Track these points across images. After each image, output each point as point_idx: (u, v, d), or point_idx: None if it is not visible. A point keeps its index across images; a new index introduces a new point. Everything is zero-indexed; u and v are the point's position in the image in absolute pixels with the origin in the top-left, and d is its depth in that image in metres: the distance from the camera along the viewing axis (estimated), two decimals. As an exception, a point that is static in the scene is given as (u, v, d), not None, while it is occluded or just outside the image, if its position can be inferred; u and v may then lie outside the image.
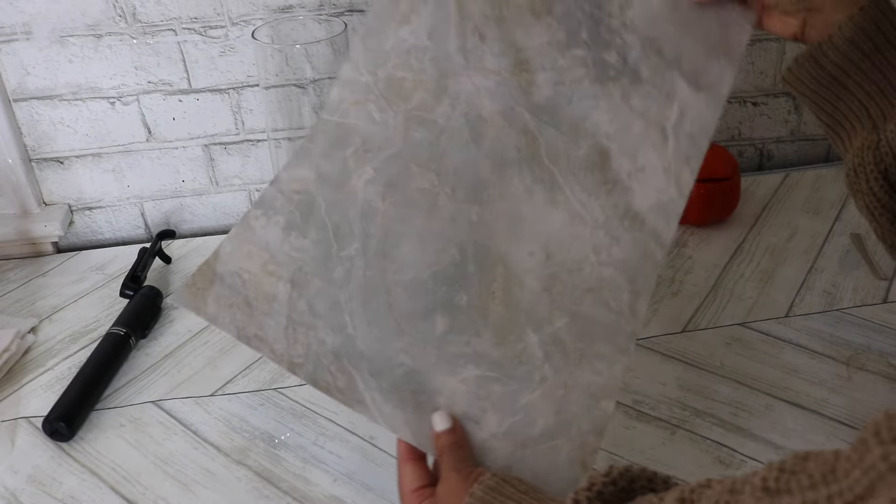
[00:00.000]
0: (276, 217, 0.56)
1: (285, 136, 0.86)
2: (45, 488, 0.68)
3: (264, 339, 0.54)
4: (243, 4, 0.96)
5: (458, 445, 0.52)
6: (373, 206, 0.56)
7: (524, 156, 0.58)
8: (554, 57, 0.59)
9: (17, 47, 0.95)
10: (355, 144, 0.57)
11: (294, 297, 0.54)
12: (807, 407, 0.72)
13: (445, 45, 0.58)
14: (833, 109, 0.57)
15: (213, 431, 0.74)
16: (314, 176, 0.56)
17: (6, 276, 0.98)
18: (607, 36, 0.59)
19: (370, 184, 0.57)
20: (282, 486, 0.68)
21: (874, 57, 0.54)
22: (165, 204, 1.07)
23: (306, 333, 0.54)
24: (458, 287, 0.55)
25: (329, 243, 0.55)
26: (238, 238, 0.55)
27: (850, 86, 0.55)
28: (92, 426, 0.75)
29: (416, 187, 0.57)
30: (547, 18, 0.59)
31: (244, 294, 0.54)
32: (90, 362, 0.79)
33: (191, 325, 0.87)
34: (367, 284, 0.55)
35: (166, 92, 1.00)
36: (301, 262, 0.55)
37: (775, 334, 0.81)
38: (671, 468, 0.67)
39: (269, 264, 0.55)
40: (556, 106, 0.58)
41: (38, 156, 1.02)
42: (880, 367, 0.76)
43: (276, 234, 0.55)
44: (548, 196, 0.57)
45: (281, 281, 0.55)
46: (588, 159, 0.58)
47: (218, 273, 0.55)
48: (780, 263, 0.92)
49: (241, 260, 0.55)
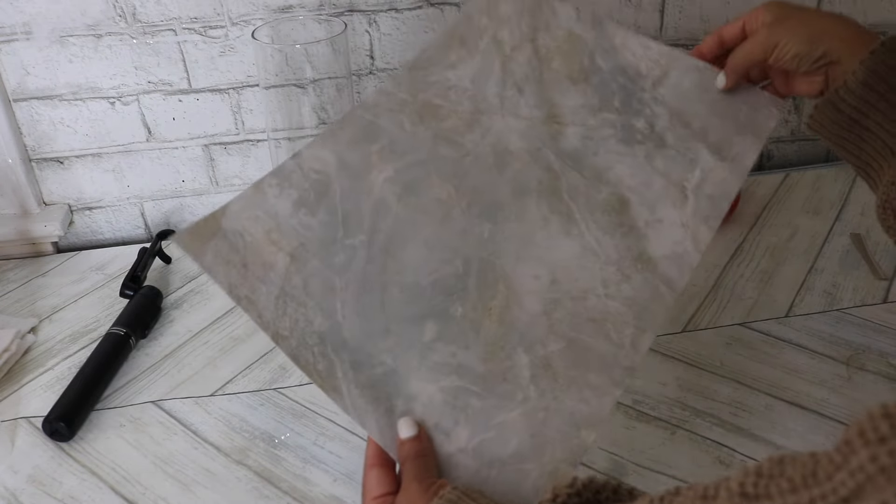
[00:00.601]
0: (290, 190, 0.56)
1: (285, 136, 0.86)
2: (45, 488, 0.68)
3: (254, 303, 0.53)
4: (243, 4, 0.96)
5: (422, 455, 0.50)
6: (387, 204, 0.57)
7: (544, 188, 0.60)
8: (585, 116, 0.63)
9: (17, 47, 0.95)
10: (382, 143, 0.59)
11: (291, 270, 0.54)
12: (807, 407, 0.72)
13: (485, 89, 0.63)
14: (859, 151, 0.58)
15: (213, 431, 0.74)
16: (335, 160, 0.57)
17: (6, 276, 0.98)
18: (637, 106, 0.64)
19: (388, 182, 0.58)
20: (282, 486, 0.68)
21: (890, 96, 0.55)
22: (165, 204, 1.07)
23: (296, 309, 0.54)
24: (456, 298, 0.55)
25: (336, 228, 0.56)
26: (249, 200, 0.56)
27: (871, 126, 0.56)
28: (92, 426, 0.75)
29: (432, 196, 0.58)
30: (583, 85, 0.64)
31: (243, 255, 0.54)
32: (90, 362, 0.79)
33: (191, 325, 0.87)
34: (364, 277, 0.55)
35: (166, 92, 1.00)
36: (305, 238, 0.55)
37: (775, 334, 0.81)
38: (671, 468, 0.67)
39: (273, 233, 0.55)
40: (582, 155, 0.61)
41: (38, 156, 1.02)
42: (880, 367, 0.76)
43: (287, 207, 0.56)
44: (563, 227, 0.58)
45: (281, 252, 0.55)
46: (607, 203, 0.60)
47: (222, 227, 0.54)
48: (780, 263, 0.92)
49: (247, 221, 0.55)
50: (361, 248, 0.56)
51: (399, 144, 0.59)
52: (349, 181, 0.57)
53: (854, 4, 1.06)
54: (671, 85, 0.65)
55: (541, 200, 0.59)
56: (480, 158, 0.60)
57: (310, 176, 0.57)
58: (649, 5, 1.03)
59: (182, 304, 0.91)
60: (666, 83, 0.65)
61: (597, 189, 0.60)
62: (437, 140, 0.60)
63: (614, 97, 0.64)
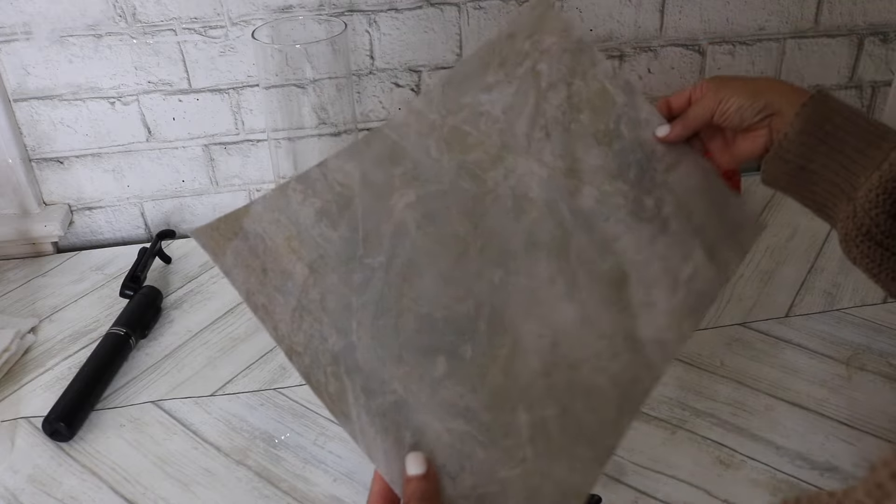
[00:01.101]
0: (314, 199, 0.55)
1: (285, 136, 0.86)
2: (45, 488, 0.68)
3: (271, 313, 0.52)
4: (243, 4, 0.96)
5: (430, 496, 0.49)
6: (406, 230, 0.56)
7: (555, 245, 0.59)
8: (602, 180, 0.63)
9: (17, 47, 0.95)
10: (406, 167, 0.58)
11: (309, 283, 0.53)
12: (807, 407, 0.72)
13: (515, 125, 0.62)
14: (812, 194, 0.61)
15: (213, 431, 0.74)
16: (360, 176, 0.56)
17: (6, 276, 0.98)
18: (649, 185, 0.64)
19: (409, 208, 0.56)
20: (282, 486, 0.68)
21: (829, 141, 0.59)
22: (165, 204, 1.07)
23: (311, 324, 0.52)
24: (467, 339, 0.54)
25: (356, 245, 0.55)
26: (272, 203, 0.54)
27: (817, 170, 0.60)
28: (92, 426, 0.75)
29: (451, 231, 0.57)
30: (605, 148, 0.64)
31: (262, 260, 0.53)
32: (90, 362, 0.79)
33: (191, 325, 0.87)
34: (381, 299, 0.54)
35: (166, 92, 1.00)
36: (325, 251, 0.54)
37: (775, 334, 0.81)
38: (671, 468, 0.67)
39: (294, 240, 0.54)
40: (594, 217, 0.61)
41: (38, 156, 1.02)
42: (880, 367, 0.76)
43: (309, 215, 0.55)
44: (567, 291, 0.58)
45: (301, 262, 0.53)
46: (609, 275, 0.60)
47: (244, 228, 0.53)
48: (780, 263, 0.92)
49: (269, 225, 0.53)
50: (380, 270, 0.54)
51: (423, 171, 0.58)
52: (371, 200, 0.56)
53: (854, 4, 1.06)
54: (680, 175, 0.65)
55: (550, 258, 0.58)
56: (500, 200, 0.59)
57: (334, 187, 0.55)
58: (649, 5, 1.03)
59: (182, 304, 0.91)
60: (676, 172, 0.65)
61: (602, 258, 0.60)
62: (460, 172, 0.59)
63: (630, 169, 0.64)
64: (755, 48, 1.08)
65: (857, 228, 0.57)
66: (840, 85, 1.13)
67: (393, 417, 0.51)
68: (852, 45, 1.09)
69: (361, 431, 0.51)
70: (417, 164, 0.58)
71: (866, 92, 1.14)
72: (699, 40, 1.07)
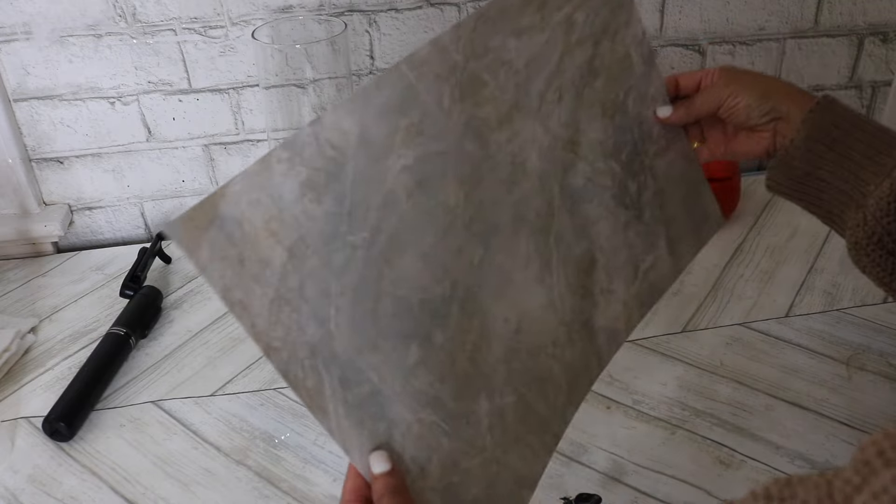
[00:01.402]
0: (300, 168, 0.50)
1: (285, 136, 0.86)
2: (45, 488, 0.68)
3: (248, 308, 0.49)
4: (243, 4, 0.96)
5: (398, 491, 0.50)
6: (396, 200, 0.53)
7: (538, 224, 0.58)
8: (597, 156, 0.62)
9: (17, 47, 0.95)
10: (413, 118, 0.53)
11: (288, 268, 0.50)
12: (807, 407, 0.72)
13: (532, 82, 0.59)
14: (819, 201, 0.61)
15: (213, 431, 0.74)
16: (357, 133, 0.52)
17: (6, 276, 0.98)
18: (637, 167, 0.63)
19: (404, 172, 0.53)
20: (282, 486, 0.68)
21: (836, 147, 0.58)
22: (165, 204, 1.07)
23: (290, 315, 0.50)
24: (439, 324, 0.54)
25: (340, 220, 0.51)
26: (252, 178, 0.49)
27: (825, 177, 0.59)
28: (92, 426, 0.75)
29: (441, 200, 0.54)
30: (608, 121, 0.62)
31: (240, 248, 0.49)
32: (90, 362, 0.79)
33: (191, 325, 0.87)
34: (360, 283, 0.52)
35: (166, 92, 1.00)
36: (306, 231, 0.50)
37: (775, 334, 0.81)
38: (671, 468, 0.67)
39: (273, 221, 0.50)
40: (581, 198, 0.61)
41: (38, 156, 1.02)
42: (880, 367, 0.76)
43: (293, 190, 0.50)
44: (539, 273, 0.58)
45: (279, 245, 0.50)
46: (581, 260, 0.60)
47: (220, 213, 0.48)
48: (780, 263, 0.92)
49: (247, 207, 0.49)
50: (362, 249, 0.52)
51: (429, 125, 0.54)
52: (365, 163, 0.52)
53: (854, 4, 1.06)
54: (667, 161, 0.65)
55: (532, 236, 0.58)
56: (497, 168, 0.57)
57: (325, 151, 0.51)
58: (649, 5, 1.03)
59: (182, 304, 0.91)
60: (664, 157, 0.65)
61: (577, 243, 0.60)
62: (466, 130, 0.56)
63: (624, 149, 0.63)
64: (755, 48, 1.08)
65: (867, 237, 0.57)
66: (840, 85, 1.13)
67: (368, 409, 0.51)
68: (852, 45, 1.09)
69: (338, 426, 0.50)
70: (425, 114, 0.54)
71: (866, 92, 1.14)
72: (699, 40, 1.07)
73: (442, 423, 0.52)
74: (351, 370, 0.51)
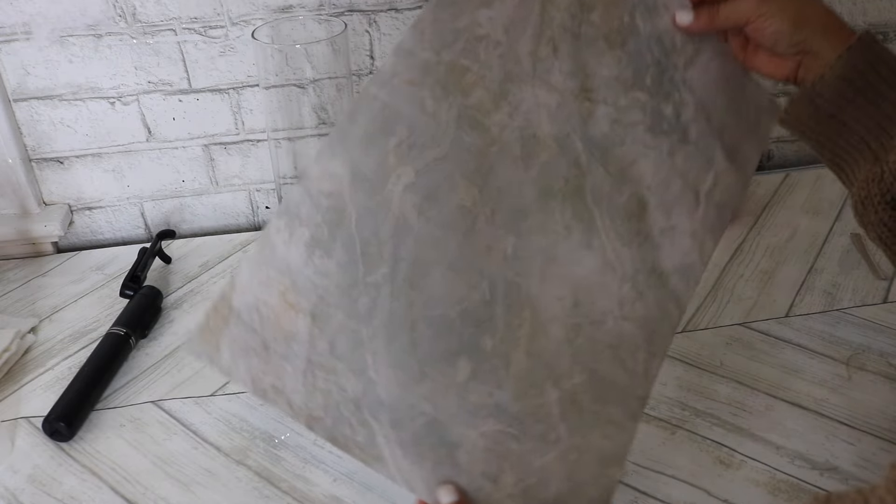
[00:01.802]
0: (301, 230, 0.48)
1: (285, 136, 0.86)
2: (45, 488, 0.68)
3: (281, 391, 0.47)
4: (243, 4, 0.96)
5: None
6: (407, 223, 0.50)
7: (570, 189, 0.54)
8: (617, 94, 0.56)
9: (17, 47, 0.95)
10: (400, 135, 0.50)
11: (315, 333, 0.48)
12: (807, 407, 0.72)
13: (518, 45, 0.53)
14: (833, 146, 0.57)
15: (213, 431, 0.74)
16: (349, 173, 0.49)
17: (6, 276, 0.98)
18: (668, 87, 0.58)
19: (408, 191, 0.50)
20: (282, 486, 0.68)
21: (868, 93, 0.54)
22: (165, 204, 1.07)
23: (326, 379, 0.48)
24: (485, 329, 0.51)
25: (356, 266, 0.49)
26: (257, 260, 0.48)
27: (848, 122, 0.55)
28: (92, 426, 0.75)
29: (456, 203, 0.51)
30: (618, 51, 0.56)
31: (261, 335, 0.47)
32: (90, 362, 0.79)
33: (191, 325, 0.87)
34: (391, 319, 0.49)
35: (166, 92, 1.00)
36: (324, 289, 0.49)
37: (775, 334, 0.81)
38: (671, 468, 0.67)
39: (289, 293, 0.48)
40: (610, 144, 0.56)
41: (38, 156, 1.02)
42: (880, 367, 0.76)
43: (300, 254, 0.48)
44: (584, 238, 0.54)
45: (301, 314, 0.48)
46: (627, 207, 0.55)
47: (234, 307, 0.47)
48: (780, 263, 0.92)
49: (259, 289, 0.48)
50: (385, 285, 0.49)
51: (419, 134, 0.51)
52: (365, 198, 0.49)
53: (854, 4, 1.06)
54: (701, 68, 0.58)
55: (565, 205, 0.54)
56: (506, 149, 0.53)
57: (321, 203, 0.49)
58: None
59: (182, 304, 0.91)
60: (696, 64, 0.58)
61: (619, 191, 0.55)
62: (460, 123, 0.52)
63: (647, 73, 0.57)
64: (755, 48, 1.08)
65: (881, 193, 0.54)
66: (840, 85, 1.13)
67: (426, 441, 0.50)
68: (852, 45, 1.09)
69: (398, 469, 0.49)
70: (412, 126, 0.50)
71: (866, 92, 1.14)
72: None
73: (508, 429, 0.51)
74: (401, 409, 0.49)
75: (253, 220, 1.10)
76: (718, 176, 0.58)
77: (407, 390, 0.49)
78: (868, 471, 0.66)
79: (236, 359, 0.47)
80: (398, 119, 0.50)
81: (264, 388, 0.47)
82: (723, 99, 0.59)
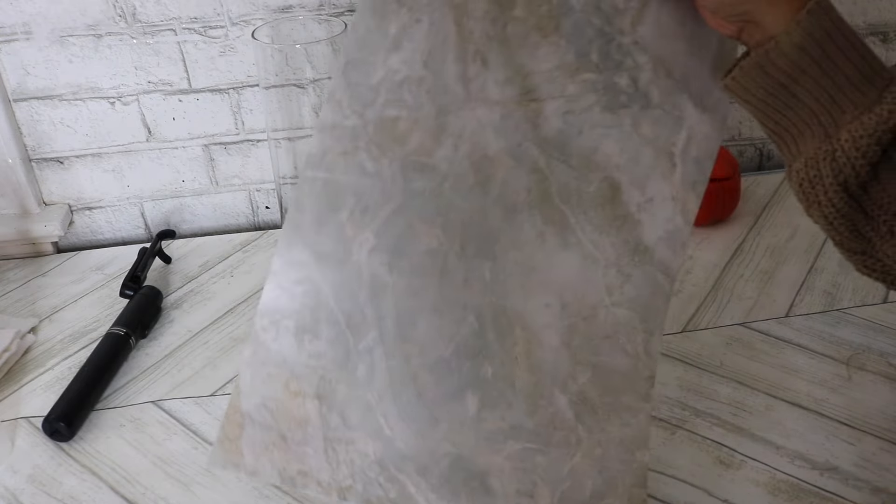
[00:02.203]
0: (285, 322, 0.50)
1: (285, 136, 0.86)
2: (45, 488, 0.68)
3: (308, 473, 0.50)
4: (243, 4, 0.96)
5: None
6: (382, 282, 0.51)
7: (535, 197, 0.53)
8: (563, 83, 0.53)
9: (17, 47, 0.95)
10: (349, 205, 0.51)
11: (325, 412, 0.50)
12: (807, 407, 0.72)
13: (443, 74, 0.51)
14: (780, 117, 0.54)
15: (213, 431, 0.73)
16: (312, 257, 0.50)
17: (6, 276, 0.98)
18: (618, 56, 0.53)
19: (374, 253, 0.51)
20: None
21: (824, 63, 0.51)
22: (165, 204, 1.07)
23: (346, 450, 0.50)
24: (482, 359, 0.52)
25: (345, 339, 0.51)
26: (253, 363, 0.50)
27: (800, 93, 0.52)
28: (92, 426, 0.75)
29: (423, 249, 0.51)
30: (554, 37, 0.52)
31: (277, 429, 0.50)
32: (90, 362, 0.79)
33: (191, 325, 0.87)
34: (392, 377, 0.51)
35: (166, 92, 1.00)
36: (322, 370, 0.50)
37: (775, 334, 0.81)
38: (671, 468, 0.67)
39: (291, 382, 0.50)
40: (566, 139, 0.53)
41: (38, 156, 1.02)
42: (880, 367, 0.76)
43: (290, 344, 0.50)
44: (559, 239, 0.53)
45: (307, 399, 0.50)
46: (599, 195, 0.54)
47: (244, 412, 0.50)
48: (780, 263, 0.92)
49: (263, 388, 0.50)
50: (377, 347, 0.51)
51: (368, 197, 0.51)
52: (334, 273, 0.50)
53: (854, 4, 1.06)
54: (651, 21, 0.53)
55: (533, 214, 0.53)
56: (460, 180, 0.52)
57: (295, 293, 0.50)
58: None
59: (182, 304, 0.91)
60: (646, 18, 0.53)
61: (586, 181, 0.53)
62: (406, 172, 0.51)
63: (591, 48, 0.52)
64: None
65: (833, 174, 0.51)
66: (840, 85, 1.13)
67: (456, 477, 0.51)
68: (852, 45, 1.09)
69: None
70: (359, 192, 0.50)
71: (866, 92, 1.14)
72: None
73: (529, 445, 0.52)
74: (423, 456, 0.51)
75: (253, 221, 1.10)
76: (692, 129, 0.55)
77: (424, 437, 0.51)
78: (868, 471, 0.66)
79: (259, 457, 0.50)
80: (342, 192, 0.50)
81: (292, 475, 0.50)
82: (682, 44, 0.55)
